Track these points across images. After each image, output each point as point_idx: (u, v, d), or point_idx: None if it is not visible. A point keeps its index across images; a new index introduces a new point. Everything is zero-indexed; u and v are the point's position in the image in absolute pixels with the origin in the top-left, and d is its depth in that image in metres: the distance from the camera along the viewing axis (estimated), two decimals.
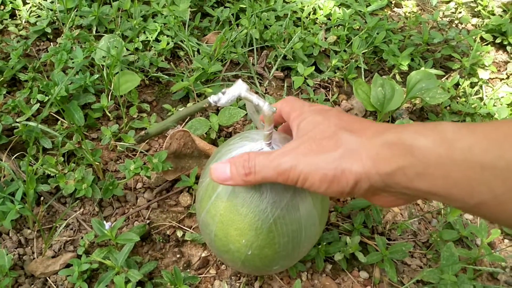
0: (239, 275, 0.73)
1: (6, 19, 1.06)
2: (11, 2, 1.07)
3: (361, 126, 0.46)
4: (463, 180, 0.37)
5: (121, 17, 1.08)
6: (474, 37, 1.19)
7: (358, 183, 0.42)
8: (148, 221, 0.78)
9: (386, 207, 0.49)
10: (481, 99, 1.08)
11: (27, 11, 1.07)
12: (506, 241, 0.84)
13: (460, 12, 1.36)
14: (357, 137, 0.44)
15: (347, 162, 0.42)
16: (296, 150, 0.46)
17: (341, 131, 0.45)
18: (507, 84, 1.14)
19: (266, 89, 1.02)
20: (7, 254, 0.68)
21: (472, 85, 1.12)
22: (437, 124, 0.40)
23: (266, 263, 0.64)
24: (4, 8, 1.08)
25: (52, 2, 1.08)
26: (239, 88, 0.54)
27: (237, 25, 1.10)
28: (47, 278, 0.70)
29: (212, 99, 0.56)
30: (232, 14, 1.12)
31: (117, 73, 0.89)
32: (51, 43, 1.05)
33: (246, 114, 0.89)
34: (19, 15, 1.08)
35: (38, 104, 0.85)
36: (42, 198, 0.77)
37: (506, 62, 1.22)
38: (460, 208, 0.40)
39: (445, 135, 0.38)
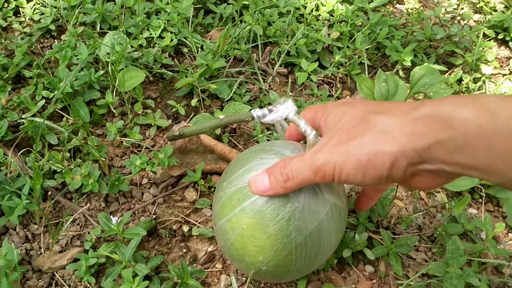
0: None
1: (10, 17, 1.07)
2: (15, 0, 1.08)
3: (391, 106, 0.44)
4: (507, 152, 0.35)
5: (124, 14, 1.08)
6: (476, 32, 1.19)
7: (395, 163, 0.41)
8: (154, 216, 0.78)
9: (427, 189, 0.47)
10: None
11: (31, 9, 1.07)
12: (510, 234, 0.85)
13: (462, 9, 1.36)
14: (387, 117, 0.42)
15: (379, 144, 0.41)
16: (327, 144, 0.45)
17: (369, 115, 0.44)
18: (509, 79, 1.14)
19: (270, 85, 1.03)
20: (15, 249, 0.68)
21: (475, 81, 1.12)
22: (476, 96, 0.38)
23: (277, 278, 0.65)
24: (8, 6, 1.08)
25: (55, 0, 1.08)
26: (289, 110, 0.54)
27: (240, 21, 1.10)
28: (55, 272, 0.70)
29: (256, 113, 0.56)
30: (236, 11, 1.12)
31: (121, 69, 0.89)
32: (55, 40, 1.05)
33: (250, 110, 0.89)
34: (23, 12, 1.08)
35: (44, 100, 0.85)
36: (49, 193, 0.77)
37: (509, 58, 1.23)
38: (500, 183, 0.38)
39: (487, 106, 0.36)
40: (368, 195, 0.63)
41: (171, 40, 1.02)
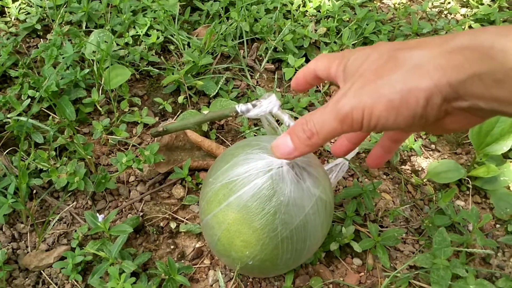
0: None
1: None
2: (0, 0, 1.07)
3: (420, 41, 0.40)
4: None
5: (110, 12, 1.07)
6: (463, 26, 1.20)
7: (429, 99, 0.37)
8: (141, 214, 0.78)
9: (458, 130, 0.42)
10: None
11: (16, 8, 1.07)
12: (497, 225, 0.85)
13: (449, 3, 1.36)
14: (418, 51, 0.38)
15: (412, 80, 0.37)
16: (352, 88, 0.40)
17: (397, 52, 0.40)
18: None
19: (257, 81, 1.03)
20: (0, 249, 0.68)
21: None
22: None
23: (264, 273, 0.65)
24: None
25: None
26: (272, 104, 0.53)
27: (227, 18, 1.10)
28: (41, 271, 0.70)
29: (240, 108, 0.56)
30: (222, 8, 1.12)
31: (107, 67, 0.89)
32: (41, 39, 1.05)
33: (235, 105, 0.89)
34: (8, 12, 1.07)
35: (29, 99, 0.85)
36: (35, 192, 0.77)
37: None
38: None
39: None
40: (385, 147, 0.56)
41: (158, 38, 1.02)
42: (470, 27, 1.22)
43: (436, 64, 0.36)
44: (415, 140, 0.93)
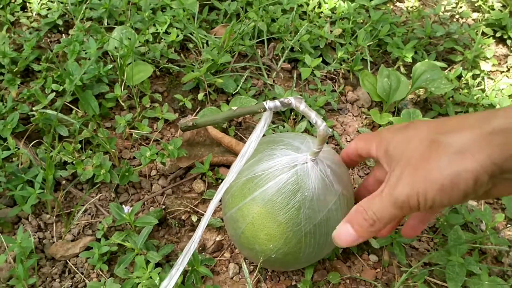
0: None
1: (18, 11, 1.08)
2: None
3: (458, 121, 0.43)
4: None
5: (130, 10, 1.09)
6: (475, 30, 1.22)
7: (477, 180, 0.40)
8: (163, 207, 0.80)
9: (509, 194, 0.46)
10: (483, 90, 1.11)
11: (38, 4, 1.08)
12: (508, 225, 0.87)
13: (461, 7, 1.38)
14: (459, 134, 0.41)
15: (459, 164, 0.40)
16: (403, 177, 0.43)
17: (438, 136, 0.42)
18: (507, 76, 1.16)
19: (274, 80, 1.05)
20: (29, 237, 0.70)
21: (474, 77, 1.14)
22: None
23: (285, 266, 0.67)
24: (15, 1, 1.09)
25: None
26: (299, 102, 0.55)
27: (245, 18, 1.12)
28: (67, 260, 0.72)
29: (268, 104, 0.57)
30: (242, 7, 1.14)
31: (130, 63, 0.90)
32: (62, 35, 1.07)
33: (256, 104, 0.91)
34: (30, 7, 1.09)
35: (54, 93, 0.86)
36: (63, 182, 0.79)
37: (506, 56, 1.25)
38: None
39: None
40: (421, 219, 0.61)
41: (177, 36, 1.04)
42: (482, 32, 1.24)
43: (479, 147, 0.39)
44: None
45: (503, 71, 1.19)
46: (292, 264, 0.65)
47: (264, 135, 0.60)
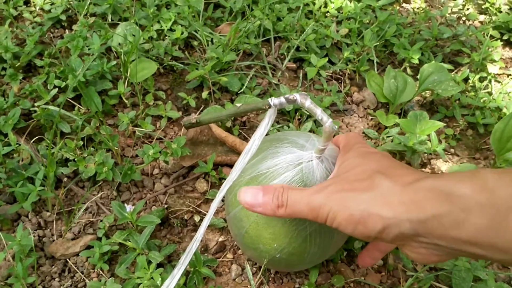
0: None
1: (21, 6, 1.07)
2: None
3: (399, 173, 0.44)
4: (508, 232, 0.35)
5: (135, 6, 1.08)
6: (483, 32, 1.20)
7: (385, 229, 0.40)
8: (165, 206, 0.79)
9: (418, 261, 0.47)
10: (490, 93, 1.10)
11: None
12: None
13: (468, 9, 1.37)
14: (391, 182, 0.42)
15: (376, 206, 0.41)
16: (329, 189, 0.45)
17: (376, 174, 0.44)
18: None
19: (279, 80, 1.03)
20: (29, 235, 0.69)
21: (481, 80, 1.13)
22: (475, 172, 0.39)
23: (289, 267, 0.66)
24: None
25: None
26: (305, 98, 0.54)
27: (250, 16, 1.11)
28: (67, 259, 0.71)
29: (273, 101, 0.56)
30: (248, 6, 1.12)
31: (134, 60, 0.89)
32: (66, 30, 1.06)
33: (268, 98, 0.90)
34: (33, 2, 1.08)
35: (56, 89, 0.85)
36: (65, 180, 0.77)
37: None
38: (502, 261, 0.38)
39: (485, 183, 0.37)
40: (372, 255, 0.64)
41: (182, 33, 1.03)
42: (490, 36, 1.23)
43: (401, 199, 0.40)
44: (440, 143, 0.93)
45: (510, 74, 1.18)
46: (296, 265, 0.64)
47: (268, 134, 0.59)
